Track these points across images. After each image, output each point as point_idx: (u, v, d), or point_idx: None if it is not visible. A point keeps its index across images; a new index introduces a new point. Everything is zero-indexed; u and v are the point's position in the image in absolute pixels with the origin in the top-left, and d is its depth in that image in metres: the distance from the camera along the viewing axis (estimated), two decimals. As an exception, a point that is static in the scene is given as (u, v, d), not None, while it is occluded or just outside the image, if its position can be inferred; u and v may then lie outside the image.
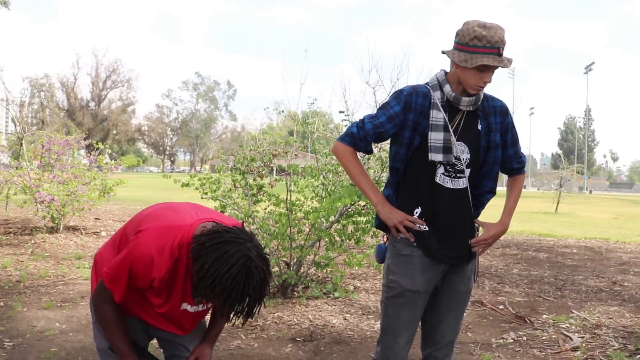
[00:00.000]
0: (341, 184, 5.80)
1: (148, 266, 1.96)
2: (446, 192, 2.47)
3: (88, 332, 4.47)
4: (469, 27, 2.33)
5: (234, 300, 1.83)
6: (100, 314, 2.13)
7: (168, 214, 2.09)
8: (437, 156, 2.43)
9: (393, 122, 2.46)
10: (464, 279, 2.61)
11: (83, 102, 79.47)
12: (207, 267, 1.81)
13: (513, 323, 5.14)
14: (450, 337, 2.66)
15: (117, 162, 11.22)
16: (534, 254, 9.70)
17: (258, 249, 1.89)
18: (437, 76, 2.52)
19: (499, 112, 2.57)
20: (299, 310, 5.25)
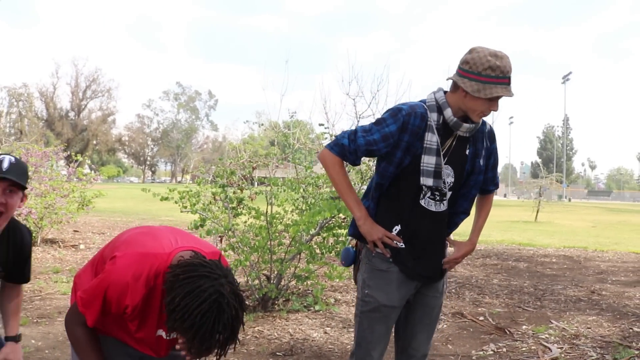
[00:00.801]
0: (321, 196, 5.81)
1: (122, 293, 1.94)
2: (428, 215, 2.50)
3: (65, 348, 4.40)
4: (480, 57, 2.30)
5: (202, 336, 1.79)
6: (73, 335, 2.10)
7: (146, 240, 2.06)
8: (428, 180, 2.43)
9: (387, 141, 2.42)
10: (437, 294, 2.66)
11: (62, 112, 78.75)
12: (177, 301, 1.79)
13: (493, 334, 5.17)
14: (424, 350, 2.69)
15: (97, 174, 11.11)
16: (514, 264, 9.77)
17: (232, 285, 1.86)
18: (436, 97, 2.47)
19: (487, 137, 2.59)
20: (279, 324, 5.22)
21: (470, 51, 2.36)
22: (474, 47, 2.37)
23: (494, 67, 2.28)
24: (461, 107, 2.41)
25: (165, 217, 18.34)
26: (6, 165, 2.23)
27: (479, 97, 2.31)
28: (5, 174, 2.20)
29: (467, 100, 2.36)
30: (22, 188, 2.29)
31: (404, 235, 2.50)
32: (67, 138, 67.79)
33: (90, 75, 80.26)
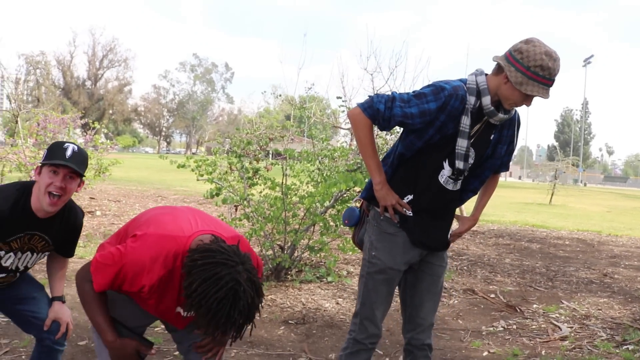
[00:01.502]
0: (337, 169, 5.82)
1: (138, 273, 1.98)
2: (444, 192, 2.53)
3: (82, 309, 4.49)
4: (535, 52, 2.26)
5: (218, 322, 1.83)
6: (81, 289, 2.14)
7: (167, 221, 2.09)
8: (460, 163, 2.45)
9: (424, 117, 2.38)
10: (443, 263, 2.73)
11: (79, 80, 78.96)
12: (195, 287, 1.82)
13: (504, 312, 5.20)
14: (431, 319, 2.74)
15: (113, 142, 11.19)
16: (527, 245, 9.76)
17: (249, 272, 1.88)
18: (477, 80, 2.42)
19: (513, 125, 2.59)
20: (292, 293, 5.29)
21: (526, 41, 2.31)
22: (531, 38, 2.32)
23: (544, 67, 2.25)
24: (497, 92, 2.38)
25: (180, 187, 18.47)
26: (69, 154, 2.37)
27: (518, 89, 2.29)
28: (67, 162, 2.34)
29: (505, 87, 2.34)
30: (81, 175, 2.43)
31: (414, 206, 2.53)
32: (83, 107, 67.99)
33: (107, 45, 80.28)
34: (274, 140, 6.22)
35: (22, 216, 2.40)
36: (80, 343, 3.87)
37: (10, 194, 2.40)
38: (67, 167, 2.36)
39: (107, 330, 2.10)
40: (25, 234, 2.46)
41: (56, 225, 2.54)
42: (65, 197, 2.41)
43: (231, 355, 3.79)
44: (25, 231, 2.45)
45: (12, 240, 2.43)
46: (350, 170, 5.58)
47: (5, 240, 2.41)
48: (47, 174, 2.36)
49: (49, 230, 2.52)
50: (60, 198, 2.39)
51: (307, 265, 6.10)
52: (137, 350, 2.16)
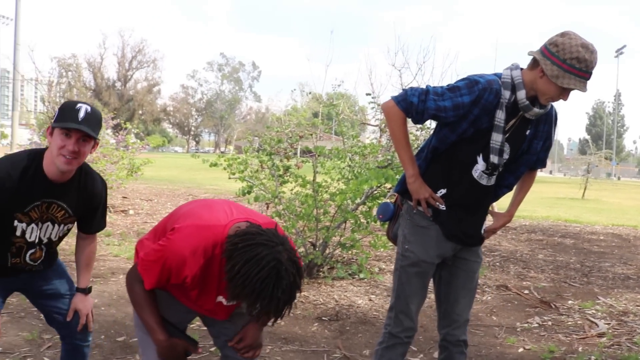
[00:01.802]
0: (367, 166, 5.81)
1: (181, 264, 2.01)
2: (477, 186, 2.53)
3: (119, 306, 4.59)
4: (571, 44, 2.24)
5: (262, 301, 1.86)
6: (131, 291, 2.20)
7: (204, 213, 2.13)
8: (495, 158, 2.44)
9: (457, 111, 2.38)
10: (477, 259, 2.73)
11: (109, 82, 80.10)
12: (237, 268, 1.85)
13: (538, 308, 5.14)
14: (467, 315, 2.74)
15: (145, 142, 11.35)
16: (560, 240, 9.62)
17: (289, 252, 1.91)
18: (512, 75, 2.41)
19: (550, 121, 2.55)
20: (324, 290, 5.31)
21: (562, 34, 2.29)
22: (567, 31, 2.30)
23: (581, 59, 2.22)
24: (533, 87, 2.36)
25: (210, 185, 18.65)
26: (82, 115, 2.26)
27: (555, 83, 2.26)
28: (80, 125, 2.24)
29: (541, 81, 2.31)
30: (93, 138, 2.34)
31: (447, 200, 2.54)
32: (114, 108, 68.88)
33: (136, 46, 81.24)
34: (305, 136, 6.24)
35: (35, 182, 2.33)
36: (118, 339, 3.95)
37: (19, 160, 2.32)
38: (80, 130, 2.26)
39: (158, 330, 2.15)
40: (42, 202, 2.38)
41: (73, 192, 2.45)
42: (79, 159, 2.33)
43: (266, 351, 3.82)
44: (41, 199, 2.37)
45: (30, 210, 2.36)
46: (381, 166, 5.57)
47: (24, 210, 2.35)
48: (59, 137, 2.27)
49: (66, 198, 2.44)
50: (76, 159, 2.30)
51: (339, 262, 6.12)
52: (185, 350, 2.21)
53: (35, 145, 11.40)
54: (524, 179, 2.74)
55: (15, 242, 2.41)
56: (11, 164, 2.29)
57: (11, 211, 2.32)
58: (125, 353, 3.73)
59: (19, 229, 2.37)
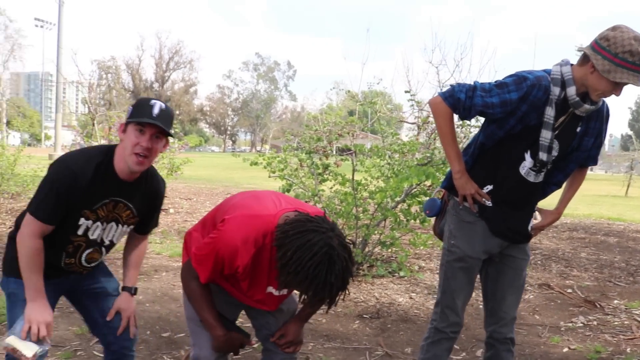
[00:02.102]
0: (407, 163, 5.79)
1: (233, 255, 2.04)
2: (525, 184, 2.50)
3: (163, 303, 4.69)
4: (623, 38, 2.19)
5: (316, 287, 1.88)
6: (188, 288, 2.25)
7: (253, 203, 2.16)
8: (544, 155, 2.42)
9: (504, 107, 2.37)
10: (525, 256, 2.71)
11: (147, 83, 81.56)
12: (289, 255, 1.87)
13: (582, 307, 5.05)
14: (514, 313, 2.73)
15: (184, 142, 11.53)
16: (603, 238, 9.41)
17: (340, 238, 1.93)
18: (562, 70, 2.37)
19: (602, 117, 2.50)
20: (365, 288, 5.32)
21: (613, 28, 2.25)
22: (618, 24, 2.26)
23: (633, 52, 2.17)
24: (584, 83, 2.32)
25: (247, 184, 18.81)
26: (156, 111, 2.23)
27: (606, 77, 2.22)
28: (155, 120, 2.21)
29: (592, 76, 2.28)
30: (167, 135, 2.31)
31: (493, 196, 2.53)
32: (152, 108, 69.91)
33: (173, 48, 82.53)
34: (343, 134, 6.25)
35: (106, 179, 2.28)
36: (164, 335, 4.03)
37: (93, 156, 2.27)
38: (154, 125, 2.22)
39: (217, 325, 2.20)
40: (110, 200, 2.34)
41: (140, 192, 2.42)
42: (151, 158, 2.29)
43: (308, 348, 3.85)
44: (110, 197, 2.33)
45: (98, 208, 2.32)
46: (421, 164, 5.55)
47: (93, 207, 2.30)
48: (132, 133, 2.22)
49: (133, 198, 2.41)
50: (147, 158, 2.26)
51: (379, 260, 6.12)
52: (241, 343, 2.26)
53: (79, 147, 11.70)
54: (574, 177, 2.70)
55: (74, 240, 2.36)
56: (86, 160, 2.25)
57: (80, 208, 2.28)
58: (170, 348, 3.81)
59: (83, 226, 2.33)
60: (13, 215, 8.75)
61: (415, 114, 7.10)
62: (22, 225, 2.27)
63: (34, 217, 2.21)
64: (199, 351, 2.33)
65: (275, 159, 5.99)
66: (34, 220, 2.21)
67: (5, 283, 2.38)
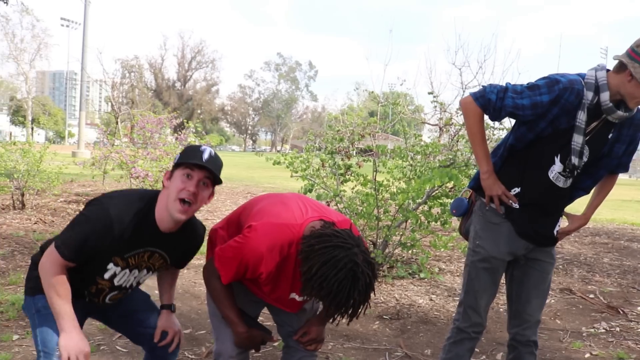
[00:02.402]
0: (429, 165, 5.79)
1: (257, 262, 2.08)
2: (553, 188, 2.49)
3: (185, 300, 4.74)
4: None
5: (339, 302, 1.92)
6: (210, 286, 2.29)
7: (280, 210, 2.17)
8: (575, 160, 2.41)
9: (535, 110, 2.37)
10: (551, 260, 2.70)
11: (170, 82, 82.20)
12: (315, 270, 1.90)
13: (605, 313, 5.00)
14: (538, 316, 2.71)
15: (207, 141, 11.62)
16: (627, 244, 9.28)
17: (365, 254, 1.96)
18: (597, 75, 2.37)
19: (635, 125, 2.48)
20: (385, 289, 5.32)
21: None
22: None
23: None
24: (620, 91, 2.31)
25: (267, 184, 18.88)
26: (206, 157, 2.15)
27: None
28: (205, 164, 2.14)
29: (630, 85, 2.26)
30: (215, 183, 2.23)
31: (520, 199, 2.53)
32: (173, 107, 70.50)
33: (195, 47, 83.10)
34: (365, 135, 6.27)
35: (144, 228, 2.18)
36: (185, 332, 4.06)
37: (134, 201, 2.18)
38: (203, 168, 2.14)
39: (239, 323, 2.24)
40: (146, 250, 2.26)
41: (178, 243, 2.33)
42: (196, 207, 2.19)
43: (328, 348, 3.87)
44: (145, 247, 2.25)
45: (130, 256, 2.24)
46: (444, 166, 5.54)
47: (124, 255, 2.22)
48: (179, 178, 2.14)
49: (170, 249, 2.33)
50: (191, 206, 2.17)
51: (399, 262, 6.11)
52: (263, 339, 2.30)
53: (102, 145, 11.87)
54: (604, 183, 2.69)
55: (99, 282, 2.28)
56: (126, 205, 2.15)
57: (111, 254, 2.20)
58: (191, 345, 3.85)
59: (110, 271, 2.25)
60: (38, 211, 8.91)
61: (437, 115, 7.09)
62: (46, 254, 2.17)
63: (57, 251, 2.12)
64: (221, 346, 2.37)
65: (297, 159, 6.02)
66: (56, 254, 2.12)
67: (31, 302, 2.27)
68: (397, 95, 8.06)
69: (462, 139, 5.94)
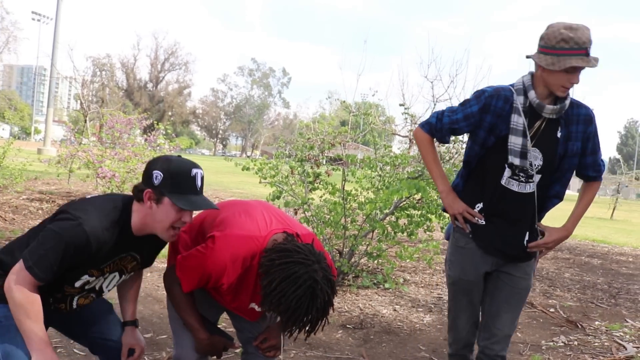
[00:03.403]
0: (398, 176, 5.83)
1: (220, 273, 2.07)
2: (510, 194, 2.52)
3: (146, 303, 4.67)
4: (554, 30, 2.32)
5: (297, 319, 1.93)
6: (170, 293, 2.27)
7: (244, 221, 2.16)
8: (515, 160, 2.46)
9: (468, 120, 2.52)
10: (525, 275, 2.67)
11: (141, 82, 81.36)
12: (274, 285, 1.91)
13: (564, 327, 5.09)
14: (508, 331, 2.69)
15: (176, 143, 11.51)
16: (587, 260, 9.49)
17: (325, 271, 1.96)
18: (523, 79, 2.50)
19: (582, 121, 2.53)
20: (349, 298, 5.33)
21: (546, 27, 2.38)
22: (551, 23, 2.39)
23: (567, 39, 2.28)
24: (545, 85, 2.42)
25: (236, 189, 18.77)
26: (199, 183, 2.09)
27: (555, 70, 2.31)
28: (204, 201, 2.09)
29: (545, 75, 2.38)
30: None
31: (485, 213, 2.57)
32: (144, 108, 69.91)
33: (169, 48, 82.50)
34: (335, 144, 6.28)
35: (121, 239, 2.11)
36: (146, 336, 3.99)
37: (107, 213, 2.06)
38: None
39: (200, 329, 2.22)
40: (120, 256, 2.19)
41: (146, 242, 2.24)
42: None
43: (290, 356, 3.86)
44: (120, 254, 2.18)
45: (106, 266, 2.17)
46: (412, 177, 5.59)
47: (100, 267, 2.15)
48: (172, 208, 2.03)
49: (142, 249, 2.27)
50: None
51: (365, 271, 6.13)
52: (224, 346, 2.29)
53: (69, 143, 11.67)
54: (582, 193, 2.72)
55: (66, 290, 2.17)
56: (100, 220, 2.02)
57: (86, 267, 2.11)
58: (152, 350, 3.79)
59: (82, 280, 2.15)
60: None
61: (408, 127, 7.16)
62: (14, 272, 1.99)
63: (29, 272, 1.96)
64: (180, 351, 2.34)
65: (266, 165, 6.00)
66: (27, 275, 1.96)
67: None
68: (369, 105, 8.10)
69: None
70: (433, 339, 4.43)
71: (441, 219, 5.85)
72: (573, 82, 2.36)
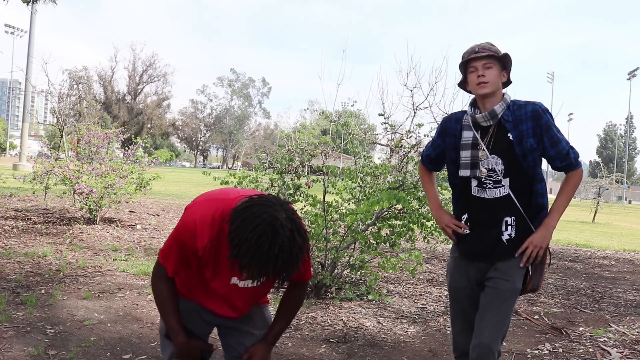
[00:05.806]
0: (378, 186, 5.78)
1: (192, 235, 2.04)
2: (482, 201, 2.71)
3: (125, 323, 4.55)
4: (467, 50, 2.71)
5: (259, 259, 1.83)
6: (156, 290, 2.23)
7: (215, 191, 2.22)
8: (465, 172, 2.72)
9: (434, 145, 2.94)
10: (505, 277, 2.66)
11: (119, 95, 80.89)
12: (234, 228, 1.86)
13: (548, 334, 5.06)
14: (488, 339, 2.58)
15: (155, 157, 11.35)
16: (570, 264, 9.52)
17: (288, 212, 1.90)
18: (470, 100, 2.80)
19: (530, 117, 2.63)
20: (332, 311, 5.25)
21: None
22: None
23: (464, 53, 2.70)
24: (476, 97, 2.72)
25: (217, 201, 18.64)
26: None
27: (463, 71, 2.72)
28: None
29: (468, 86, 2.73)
30: None
31: (470, 222, 2.78)
32: (123, 121, 69.55)
33: (147, 60, 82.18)
34: (315, 155, 6.22)
35: None
36: (124, 357, 3.90)
37: None
38: None
39: (179, 331, 2.19)
40: None
41: None
42: None
43: (273, 373, 3.77)
44: None
45: None
46: (393, 187, 5.54)
47: None
48: None
49: None
50: None
51: (347, 283, 6.06)
52: (202, 349, 2.25)
53: (45, 159, 11.46)
54: (561, 184, 2.79)
55: None
56: None
57: None
58: (131, 371, 3.69)
59: None
60: (-27, 228, 8.48)
61: (388, 136, 7.12)
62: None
63: None
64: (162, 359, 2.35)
65: (246, 178, 5.92)
66: None
67: None
68: (349, 114, 8.05)
69: (412, 161, 5.97)
70: (417, 351, 4.36)
71: (423, 229, 5.81)
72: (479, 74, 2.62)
